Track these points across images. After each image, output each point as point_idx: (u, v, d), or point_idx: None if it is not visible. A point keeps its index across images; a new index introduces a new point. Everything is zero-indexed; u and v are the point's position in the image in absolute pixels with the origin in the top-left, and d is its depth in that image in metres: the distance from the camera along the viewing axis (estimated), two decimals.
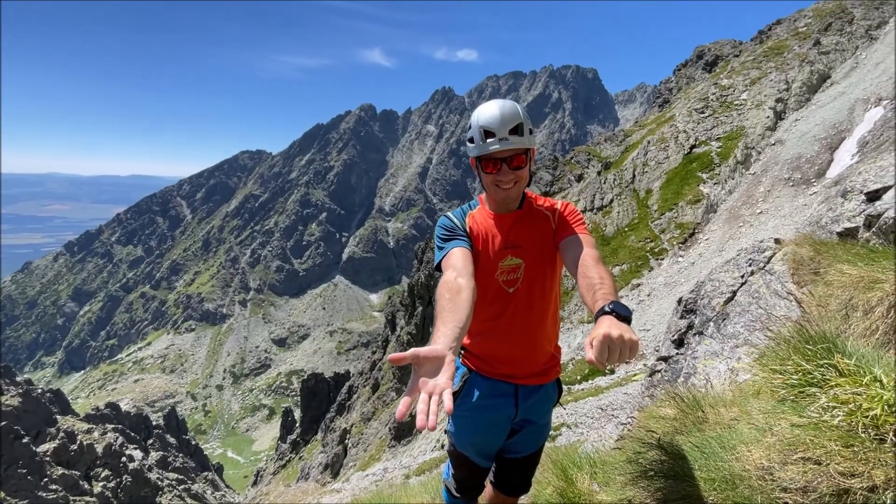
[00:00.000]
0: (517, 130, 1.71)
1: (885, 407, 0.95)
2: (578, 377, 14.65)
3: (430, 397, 1.09)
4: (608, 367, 1.32)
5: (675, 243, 20.06)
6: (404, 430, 23.40)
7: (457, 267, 1.66)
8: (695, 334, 3.65)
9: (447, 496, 2.13)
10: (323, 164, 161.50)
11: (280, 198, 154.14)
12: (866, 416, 0.96)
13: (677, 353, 3.80)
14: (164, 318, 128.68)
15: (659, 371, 3.94)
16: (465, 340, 1.93)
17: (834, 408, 1.01)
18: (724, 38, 39.71)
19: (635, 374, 12.49)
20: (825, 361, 1.13)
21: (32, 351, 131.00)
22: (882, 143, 15.48)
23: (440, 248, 1.84)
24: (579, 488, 1.87)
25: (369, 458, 25.19)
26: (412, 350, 1.22)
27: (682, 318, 4.06)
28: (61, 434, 33.53)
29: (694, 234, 19.98)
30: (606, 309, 1.28)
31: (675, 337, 3.97)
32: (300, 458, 40.95)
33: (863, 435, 0.95)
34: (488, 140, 1.71)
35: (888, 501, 0.85)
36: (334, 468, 29.10)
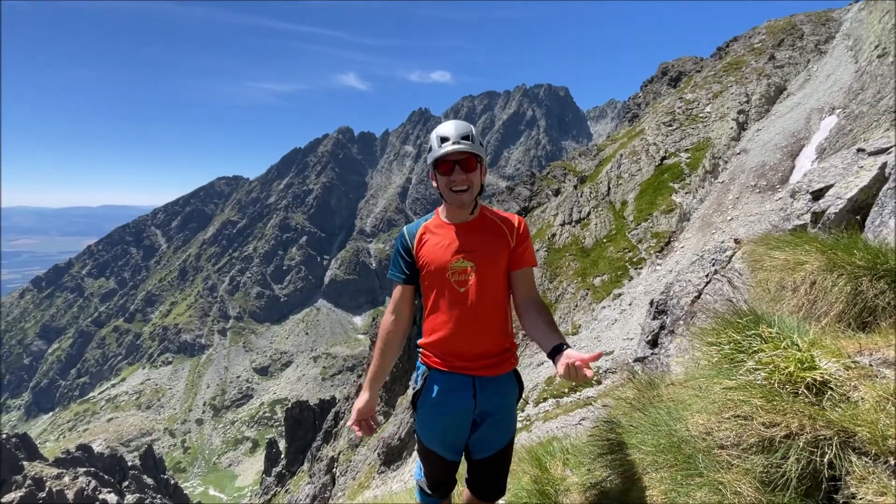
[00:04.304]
0: (468, 138, 1.92)
1: (798, 364, 1.07)
2: (566, 390, 14.70)
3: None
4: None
5: (652, 252, 20.54)
6: (393, 455, 22.90)
7: (396, 310, 2.09)
8: (667, 333, 3.79)
9: (420, 496, 2.18)
10: (301, 187, 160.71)
11: (258, 223, 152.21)
12: (783, 374, 1.08)
13: (652, 354, 3.92)
14: (139, 351, 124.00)
15: (636, 372, 4.05)
16: (423, 340, 2.09)
17: (757, 369, 1.13)
18: (685, 56, 41.64)
19: (622, 384, 12.65)
20: (752, 332, 1.25)
21: None
22: (838, 149, 16.36)
23: (393, 266, 2.15)
24: (553, 474, 1.94)
25: (358, 486, 24.50)
26: (356, 422, 2.09)
27: (654, 318, 4.21)
28: (28, 482, 31.71)
29: (670, 243, 20.53)
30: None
31: (649, 338, 4.11)
32: (286, 491, 39.51)
33: (781, 390, 1.06)
34: (443, 144, 1.91)
35: (800, 444, 0.96)
36: (323, 499, 28.16)
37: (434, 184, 2.03)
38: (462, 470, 2.16)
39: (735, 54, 31.04)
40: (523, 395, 2.08)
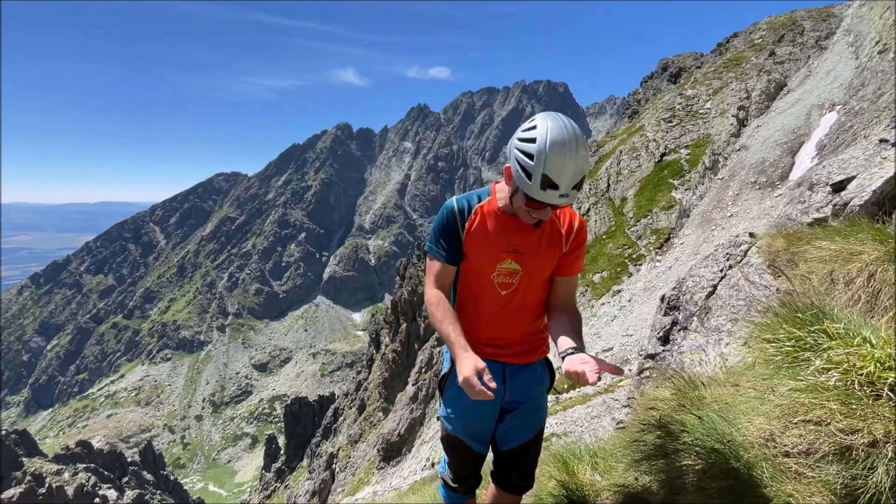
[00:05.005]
0: (579, 186, 1.61)
1: (878, 364, 0.98)
2: (566, 385, 14.69)
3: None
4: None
5: (651, 249, 20.50)
6: (393, 451, 22.90)
7: (440, 285, 1.87)
8: (679, 330, 3.73)
9: (444, 491, 2.09)
10: (300, 184, 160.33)
11: (257, 219, 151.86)
12: (860, 374, 0.99)
13: (664, 350, 3.86)
14: (137, 348, 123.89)
15: (647, 369, 3.99)
16: None
17: (829, 369, 1.04)
18: (686, 51, 41.50)
19: (621, 381, 12.63)
20: (816, 327, 1.16)
21: None
22: (838, 145, 16.30)
23: (434, 241, 1.88)
24: (581, 479, 1.85)
25: (358, 482, 24.53)
26: (472, 378, 1.58)
27: (665, 314, 4.14)
28: (28, 478, 31.71)
29: (669, 239, 20.48)
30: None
31: (661, 334, 4.04)
32: (286, 486, 39.59)
33: (859, 392, 0.97)
34: (549, 190, 1.58)
35: (889, 454, 0.87)
36: (322, 495, 28.20)
37: (506, 185, 1.77)
38: (486, 467, 2.06)
39: (735, 50, 30.89)
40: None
